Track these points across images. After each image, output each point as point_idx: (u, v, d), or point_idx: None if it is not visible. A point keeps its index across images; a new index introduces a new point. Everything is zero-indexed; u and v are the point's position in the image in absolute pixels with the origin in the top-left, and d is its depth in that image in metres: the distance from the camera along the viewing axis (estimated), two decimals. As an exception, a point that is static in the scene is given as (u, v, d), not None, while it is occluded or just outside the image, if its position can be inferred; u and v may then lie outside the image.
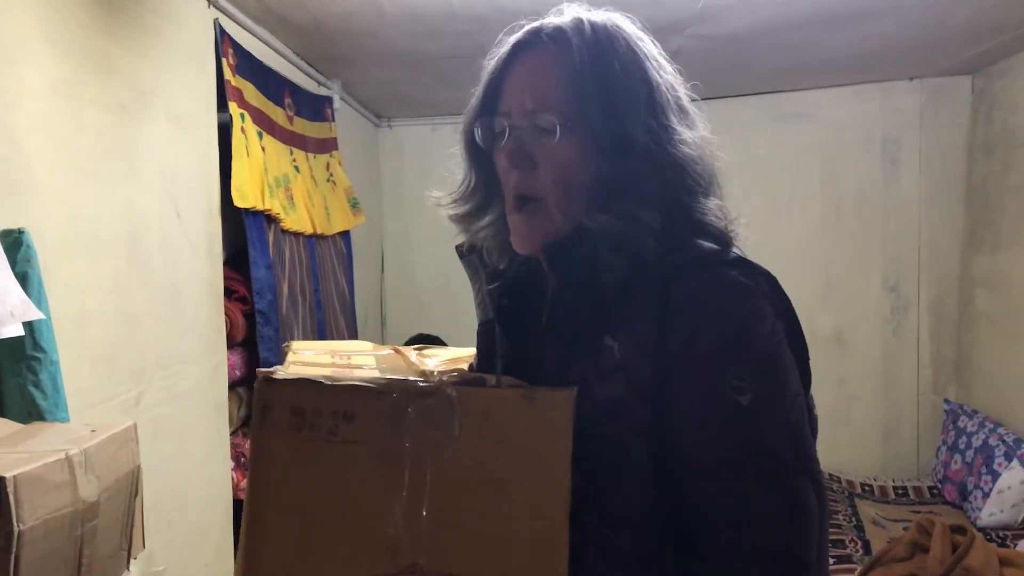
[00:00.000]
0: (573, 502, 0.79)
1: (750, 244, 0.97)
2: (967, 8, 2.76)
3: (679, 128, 0.94)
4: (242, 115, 2.42)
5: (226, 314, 2.35)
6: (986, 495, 3.45)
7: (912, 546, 2.66)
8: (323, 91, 3.35)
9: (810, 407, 0.91)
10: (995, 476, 3.43)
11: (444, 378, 0.80)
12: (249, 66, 2.54)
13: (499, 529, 0.77)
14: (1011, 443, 3.45)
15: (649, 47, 0.96)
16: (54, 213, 1.57)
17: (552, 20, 0.95)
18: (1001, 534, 3.29)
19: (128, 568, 1.16)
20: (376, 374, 0.85)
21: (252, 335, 2.43)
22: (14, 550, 0.90)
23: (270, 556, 0.77)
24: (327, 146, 3.27)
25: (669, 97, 0.95)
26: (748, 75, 3.83)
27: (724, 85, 4.06)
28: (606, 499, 0.83)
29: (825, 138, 4.23)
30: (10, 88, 1.41)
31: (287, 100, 2.87)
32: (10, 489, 0.90)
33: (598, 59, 0.91)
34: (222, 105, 2.35)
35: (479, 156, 1.01)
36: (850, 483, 4.00)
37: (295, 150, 2.88)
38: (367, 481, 0.76)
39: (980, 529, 3.31)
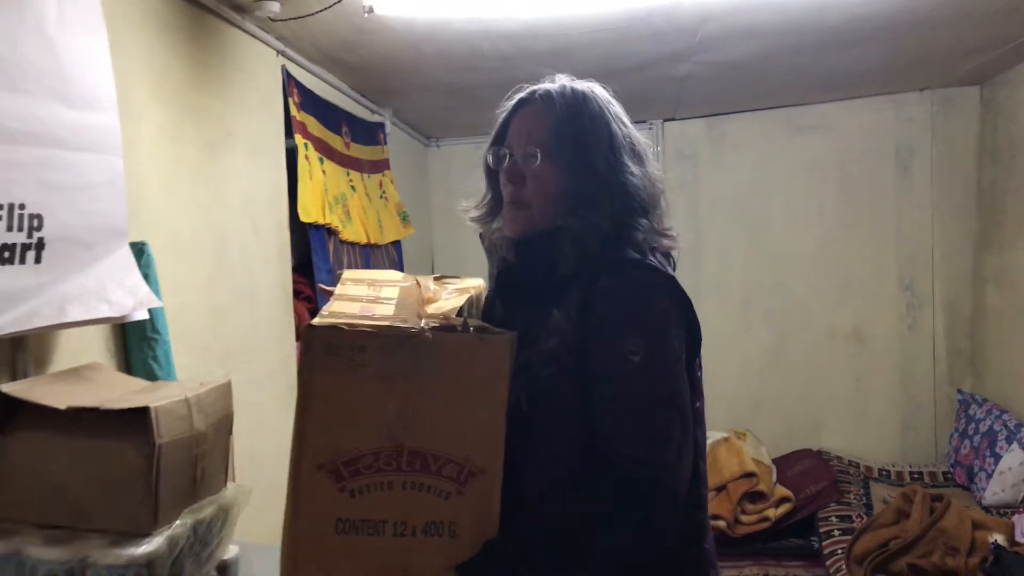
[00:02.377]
0: (520, 420, 1.19)
1: (771, 248, 1.28)
2: (949, 30, 3.05)
3: (630, 164, 1.30)
4: (305, 144, 2.89)
5: (294, 312, 2.81)
6: (989, 476, 3.70)
7: (897, 512, 2.98)
8: (376, 118, 3.82)
9: (693, 369, 1.27)
10: (997, 458, 3.68)
11: (428, 324, 1.21)
12: (311, 102, 3.00)
13: (458, 423, 1.18)
14: (1013, 428, 3.70)
15: (616, 108, 1.34)
16: (162, 229, 2.03)
17: (545, 85, 1.35)
18: (1003, 512, 3.54)
19: (225, 485, 1.60)
20: (391, 310, 1.26)
21: (316, 329, 2.88)
22: (155, 457, 1.34)
23: (312, 432, 1.19)
24: (380, 167, 3.73)
25: (624, 143, 1.31)
26: (764, 91, 4.16)
27: (742, 101, 4.39)
28: (543, 418, 1.22)
29: (840, 148, 4.52)
30: (132, 136, 1.87)
31: (344, 128, 3.33)
32: (153, 415, 1.33)
33: (573, 112, 1.30)
34: (288, 135, 2.81)
35: (493, 177, 1.42)
36: (868, 468, 4.27)
37: (351, 172, 3.34)
38: (372, 390, 1.18)
39: (984, 508, 3.57)
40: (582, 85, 1.34)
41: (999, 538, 2.63)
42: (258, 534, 1.86)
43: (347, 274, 1.44)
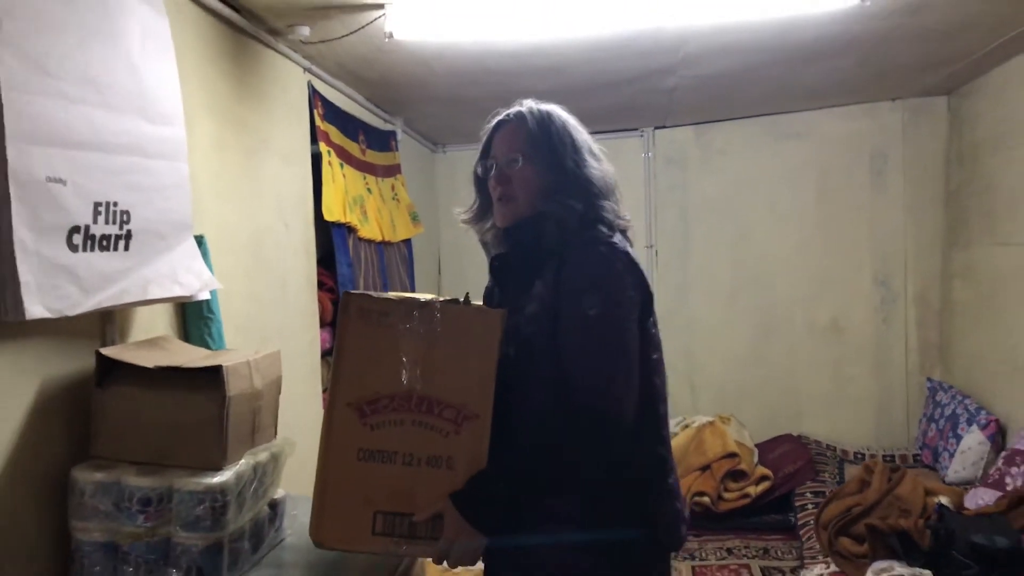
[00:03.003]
0: (508, 372, 1.51)
1: (755, 247, 1.56)
2: (911, 45, 3.38)
3: (591, 160, 1.64)
4: (328, 151, 3.21)
5: (319, 300, 3.14)
6: (952, 456, 4.01)
7: (860, 483, 3.30)
8: (388, 127, 4.15)
9: (647, 326, 1.58)
10: (959, 439, 4.00)
11: (436, 300, 1.55)
12: (332, 113, 3.33)
13: (457, 377, 1.51)
14: (973, 411, 4.02)
15: (574, 121, 1.68)
16: (212, 224, 2.35)
17: (516, 108, 1.68)
18: (966, 489, 3.86)
19: (275, 436, 1.93)
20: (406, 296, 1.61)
21: (337, 317, 3.21)
22: (226, 407, 1.66)
23: (344, 376, 1.52)
24: (392, 171, 4.06)
25: (584, 145, 1.65)
26: (748, 100, 4.49)
27: (728, 109, 4.72)
28: (526, 366, 1.53)
29: (820, 153, 4.85)
30: (189, 145, 2.19)
31: (361, 137, 3.66)
32: (225, 373, 1.66)
33: (542, 125, 1.64)
34: (313, 142, 3.14)
35: (481, 186, 1.75)
36: (844, 451, 4.59)
37: (367, 176, 3.67)
38: (394, 346, 1.51)
39: (947, 484, 3.89)
40: (546, 106, 1.69)
41: (944, 500, 2.95)
42: (290, 486, 2.18)
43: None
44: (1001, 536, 2.56)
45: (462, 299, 1.59)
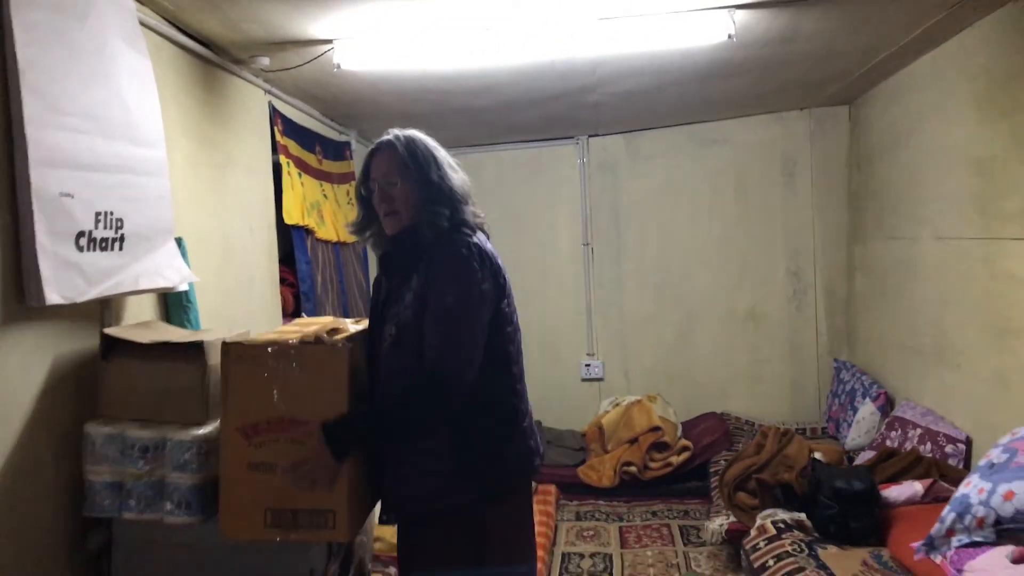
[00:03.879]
0: (391, 344, 1.95)
1: (680, 243, 1.99)
2: (797, 66, 3.88)
3: (450, 173, 2.03)
4: (287, 162, 3.64)
5: (280, 294, 3.56)
6: (850, 425, 4.54)
7: (757, 446, 3.80)
8: (343, 138, 4.58)
9: (502, 307, 1.98)
10: (855, 411, 4.53)
11: (296, 341, 1.97)
12: (291, 128, 3.76)
13: (317, 398, 1.93)
14: (868, 386, 4.55)
15: (432, 143, 2.05)
16: (188, 229, 2.76)
17: (386, 137, 2.06)
18: (864, 459, 4.37)
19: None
20: (296, 336, 2.03)
21: (298, 308, 3.64)
22: (206, 374, 2.09)
23: (231, 407, 1.94)
24: (347, 178, 4.49)
25: (443, 161, 2.03)
26: (669, 111, 4.98)
27: (652, 119, 5.22)
28: (403, 342, 1.92)
29: (737, 157, 5.36)
30: (170, 162, 2.60)
31: (317, 148, 4.08)
32: (206, 347, 2.08)
33: (409, 149, 2.01)
34: (274, 153, 3.56)
35: (364, 202, 2.13)
36: (761, 425, 5.10)
37: (324, 183, 4.09)
38: (266, 380, 1.93)
39: (846, 451, 4.41)
40: (409, 132, 2.07)
41: (819, 455, 3.46)
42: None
43: (296, 321, 2.22)
44: (858, 481, 3.06)
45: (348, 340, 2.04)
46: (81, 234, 2.07)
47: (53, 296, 1.96)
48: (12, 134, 1.92)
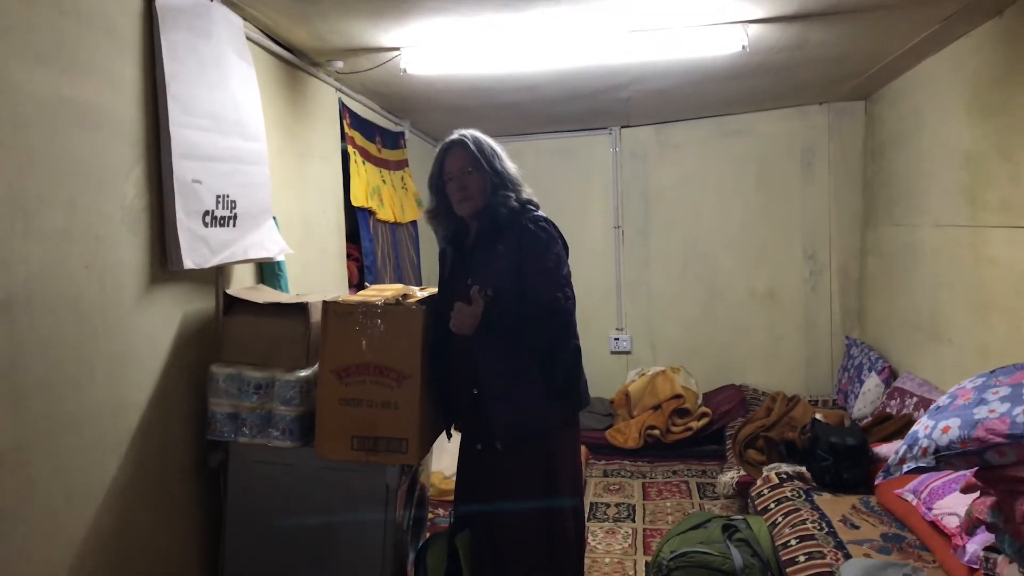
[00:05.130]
0: (490, 299, 2.44)
1: (704, 227, 2.61)
2: (811, 68, 4.28)
3: (508, 164, 2.53)
4: (354, 152, 4.13)
5: (347, 267, 4.07)
6: (856, 397, 4.96)
7: (767, 409, 4.25)
8: (398, 128, 5.07)
9: (570, 269, 2.51)
10: (862, 383, 4.94)
11: (381, 302, 2.47)
12: (357, 122, 4.25)
13: (396, 350, 2.43)
14: (874, 360, 4.96)
15: (491, 139, 2.55)
16: (277, 210, 3.25)
17: (455, 136, 2.55)
18: (863, 422, 4.79)
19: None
20: (379, 298, 2.53)
21: (362, 280, 4.15)
22: (308, 328, 2.59)
23: (328, 353, 2.46)
24: (401, 165, 4.98)
25: (501, 154, 2.53)
26: (696, 105, 5.40)
27: (681, 112, 5.64)
28: (499, 310, 2.43)
29: (759, 148, 5.77)
30: (269, 154, 3.10)
31: (377, 138, 4.57)
32: (309, 307, 2.58)
33: (477, 144, 2.52)
34: (343, 144, 4.06)
35: (438, 192, 2.62)
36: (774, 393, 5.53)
37: (383, 170, 4.59)
38: (356, 333, 2.44)
39: (853, 420, 4.83)
40: (471, 130, 2.57)
41: (819, 416, 3.90)
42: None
43: (374, 287, 2.72)
44: (851, 437, 3.50)
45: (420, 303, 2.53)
46: (207, 213, 2.57)
47: (188, 262, 2.46)
48: (159, 133, 2.42)
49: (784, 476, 3.64)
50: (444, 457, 3.88)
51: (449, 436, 2.75)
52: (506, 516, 2.49)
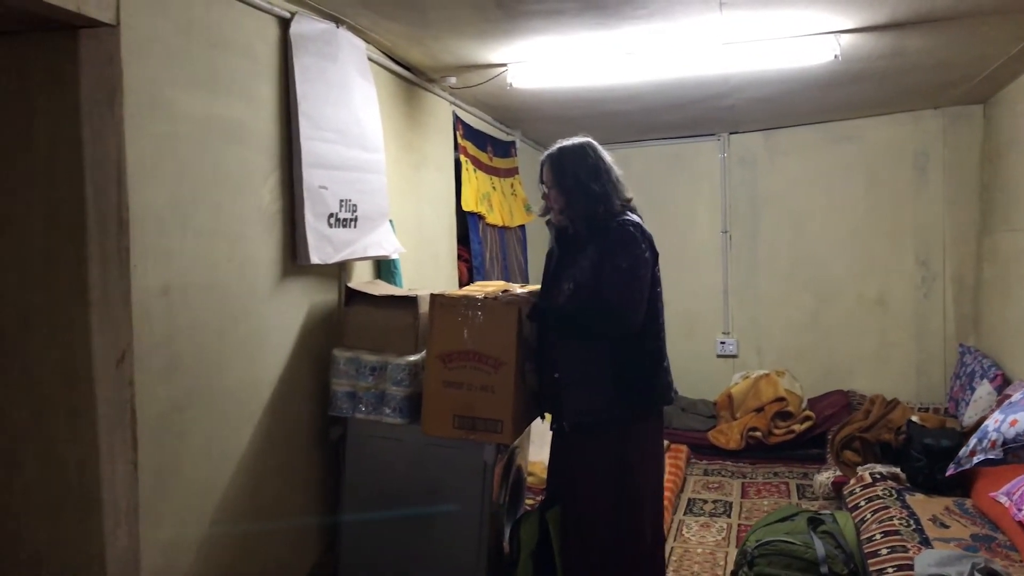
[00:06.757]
0: (560, 298, 2.67)
1: (812, 232, 2.84)
2: (915, 74, 4.29)
3: (592, 181, 2.69)
4: (466, 160, 4.45)
5: (458, 268, 4.38)
6: (967, 404, 4.88)
7: (865, 412, 4.28)
8: (509, 138, 5.37)
9: (655, 271, 2.69)
10: (973, 390, 4.86)
11: (481, 296, 2.73)
12: (469, 132, 4.57)
13: (494, 339, 2.70)
14: (987, 368, 4.86)
15: (584, 151, 2.74)
16: (394, 214, 3.59)
17: (548, 151, 2.80)
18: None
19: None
20: (480, 293, 2.79)
21: (471, 280, 4.46)
22: (417, 319, 2.89)
23: (434, 341, 2.75)
24: (511, 172, 5.28)
25: (594, 168, 2.71)
26: (803, 112, 5.44)
27: (788, 118, 5.69)
28: (580, 293, 2.64)
29: (869, 153, 5.75)
30: (387, 163, 3.43)
31: (489, 147, 4.88)
32: (418, 300, 2.88)
33: (557, 164, 2.74)
34: (455, 153, 4.38)
35: (544, 196, 2.88)
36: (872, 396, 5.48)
37: (493, 177, 4.89)
38: (459, 323, 2.72)
39: (962, 427, 4.77)
40: (565, 144, 2.77)
41: (915, 418, 3.91)
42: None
43: (477, 283, 2.98)
44: (945, 439, 3.52)
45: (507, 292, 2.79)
46: (331, 215, 2.92)
47: (315, 258, 2.81)
48: (291, 145, 2.78)
49: (878, 476, 3.68)
50: (545, 448, 4.12)
51: (542, 418, 3.00)
52: (581, 496, 2.71)
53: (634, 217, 2.71)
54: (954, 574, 2.43)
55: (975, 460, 2.24)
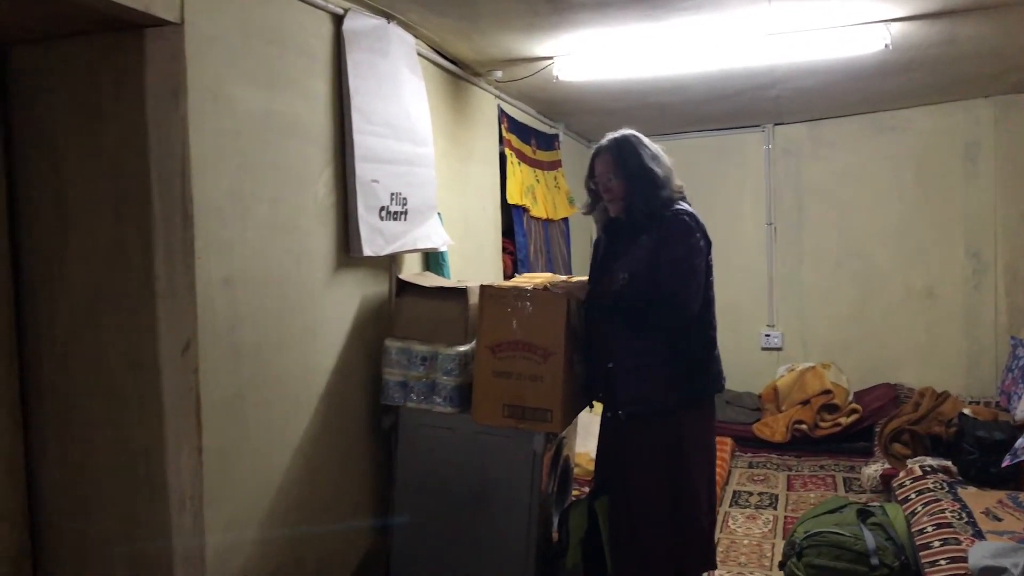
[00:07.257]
0: (613, 288, 2.70)
1: (858, 223, 2.91)
2: (968, 62, 4.22)
3: (651, 164, 2.71)
4: (510, 153, 4.48)
5: (502, 260, 4.42)
6: (1020, 398, 4.80)
7: (915, 404, 4.24)
8: (553, 131, 5.39)
9: (709, 261, 2.71)
10: (1025, 384, 4.79)
11: (530, 287, 2.76)
12: (514, 126, 4.60)
13: (542, 329, 2.73)
14: (1040, 361, 4.79)
15: (638, 140, 2.77)
16: (441, 207, 3.62)
17: (603, 142, 2.81)
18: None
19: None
20: (528, 285, 2.82)
21: (515, 272, 4.49)
22: (467, 310, 2.93)
23: (484, 331, 2.80)
24: (555, 165, 5.30)
25: (647, 155, 2.73)
26: (849, 101, 5.38)
27: (833, 108, 5.63)
28: (636, 282, 2.68)
29: (916, 143, 5.67)
30: (435, 157, 3.47)
31: (533, 140, 4.91)
32: (468, 291, 2.93)
33: (619, 152, 2.75)
34: (500, 146, 4.42)
35: (591, 191, 2.90)
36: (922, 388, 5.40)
37: (537, 170, 4.92)
38: (508, 314, 2.76)
39: (1015, 421, 4.69)
40: (620, 135, 2.79)
41: (967, 411, 3.86)
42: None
43: (524, 275, 3.02)
44: (998, 432, 3.48)
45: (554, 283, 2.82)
46: (383, 208, 2.97)
47: (367, 250, 2.87)
48: (344, 139, 2.83)
49: (928, 469, 3.65)
50: (590, 440, 4.15)
51: (591, 407, 3.02)
52: (633, 484, 2.73)
53: (687, 206, 2.72)
54: (1009, 566, 2.42)
55: (1031, 451, 2.23)
